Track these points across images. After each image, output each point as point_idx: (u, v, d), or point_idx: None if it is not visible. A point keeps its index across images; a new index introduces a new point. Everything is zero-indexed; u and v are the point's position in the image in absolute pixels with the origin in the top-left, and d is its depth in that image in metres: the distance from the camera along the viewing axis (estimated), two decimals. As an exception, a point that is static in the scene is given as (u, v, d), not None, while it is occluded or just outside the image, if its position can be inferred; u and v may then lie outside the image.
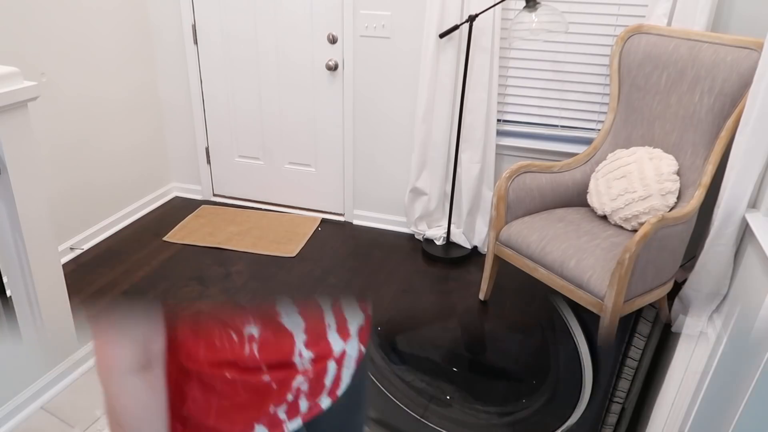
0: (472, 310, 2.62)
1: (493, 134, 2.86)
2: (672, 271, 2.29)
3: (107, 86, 3.06)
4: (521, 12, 2.49)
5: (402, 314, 2.57)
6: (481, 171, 2.93)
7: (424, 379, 2.17)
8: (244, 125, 3.41)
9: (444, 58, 2.77)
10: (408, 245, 3.17)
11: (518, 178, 2.46)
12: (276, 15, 3.06)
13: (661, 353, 2.34)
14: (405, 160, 3.12)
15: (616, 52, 2.52)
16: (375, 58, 2.98)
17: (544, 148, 2.86)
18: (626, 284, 2.04)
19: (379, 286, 2.79)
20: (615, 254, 2.18)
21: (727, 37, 2.24)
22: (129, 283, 2.76)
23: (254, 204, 3.57)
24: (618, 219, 2.35)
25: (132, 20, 3.17)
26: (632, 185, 2.30)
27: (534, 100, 2.85)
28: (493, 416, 2.04)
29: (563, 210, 2.54)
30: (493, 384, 2.27)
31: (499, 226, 2.48)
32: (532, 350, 2.42)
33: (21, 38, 2.54)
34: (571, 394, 2.09)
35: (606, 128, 2.60)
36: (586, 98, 2.77)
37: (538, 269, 2.33)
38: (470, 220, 3.07)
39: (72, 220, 2.98)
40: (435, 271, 2.94)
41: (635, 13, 2.55)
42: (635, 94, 2.48)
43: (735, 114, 2.20)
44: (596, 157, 2.59)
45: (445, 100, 2.84)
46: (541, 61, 2.76)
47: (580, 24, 2.64)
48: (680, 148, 2.35)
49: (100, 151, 3.09)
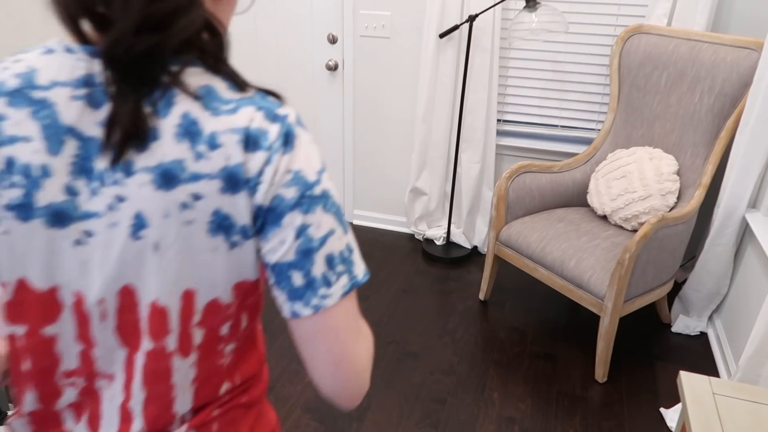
0: (472, 309, 2.62)
1: (493, 134, 2.86)
2: (672, 271, 2.29)
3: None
4: (521, 12, 2.49)
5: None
6: (481, 171, 2.93)
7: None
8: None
9: (444, 58, 2.77)
10: (408, 245, 3.17)
11: (518, 178, 2.46)
12: (276, 15, 3.06)
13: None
14: (405, 160, 3.12)
15: (616, 52, 2.52)
16: (375, 58, 2.98)
17: (544, 148, 2.86)
18: (626, 284, 2.04)
19: (379, 286, 2.79)
20: (615, 254, 2.18)
21: (727, 37, 2.24)
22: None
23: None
24: (618, 219, 2.35)
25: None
26: (632, 185, 2.30)
27: (534, 100, 2.85)
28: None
29: (563, 210, 2.54)
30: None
31: (499, 226, 2.48)
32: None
33: (21, 38, 2.54)
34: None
35: (606, 128, 2.60)
36: (586, 98, 2.77)
37: (538, 269, 2.33)
38: (470, 220, 3.07)
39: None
40: (435, 271, 2.94)
41: (635, 13, 2.55)
42: (635, 94, 2.48)
43: (735, 114, 2.20)
44: (596, 157, 2.59)
45: (445, 100, 2.84)
46: (541, 61, 2.76)
47: (580, 24, 2.64)
48: (680, 148, 2.35)
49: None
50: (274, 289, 0.65)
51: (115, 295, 0.63)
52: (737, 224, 2.25)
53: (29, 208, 0.60)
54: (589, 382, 2.21)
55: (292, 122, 0.62)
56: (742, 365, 1.83)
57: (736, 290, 2.33)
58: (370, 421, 2.02)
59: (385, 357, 2.33)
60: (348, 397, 0.68)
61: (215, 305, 0.65)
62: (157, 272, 0.62)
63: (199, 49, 0.60)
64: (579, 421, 2.04)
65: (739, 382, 1.55)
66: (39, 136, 0.59)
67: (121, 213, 0.60)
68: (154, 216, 0.59)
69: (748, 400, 1.26)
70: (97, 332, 0.66)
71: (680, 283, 2.61)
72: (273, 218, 0.62)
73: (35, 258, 0.62)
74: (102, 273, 0.62)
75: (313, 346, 0.65)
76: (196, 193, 0.59)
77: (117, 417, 0.69)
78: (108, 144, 0.58)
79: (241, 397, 0.75)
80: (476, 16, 2.59)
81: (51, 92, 0.59)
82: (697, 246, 2.53)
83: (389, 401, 2.11)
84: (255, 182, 0.60)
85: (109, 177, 0.59)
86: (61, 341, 0.66)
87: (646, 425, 2.03)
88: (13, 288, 0.64)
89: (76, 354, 0.67)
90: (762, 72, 2.05)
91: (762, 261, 2.10)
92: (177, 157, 0.58)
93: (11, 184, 0.59)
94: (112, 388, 0.68)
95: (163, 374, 0.66)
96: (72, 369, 0.68)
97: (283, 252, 0.63)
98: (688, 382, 1.30)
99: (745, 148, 2.14)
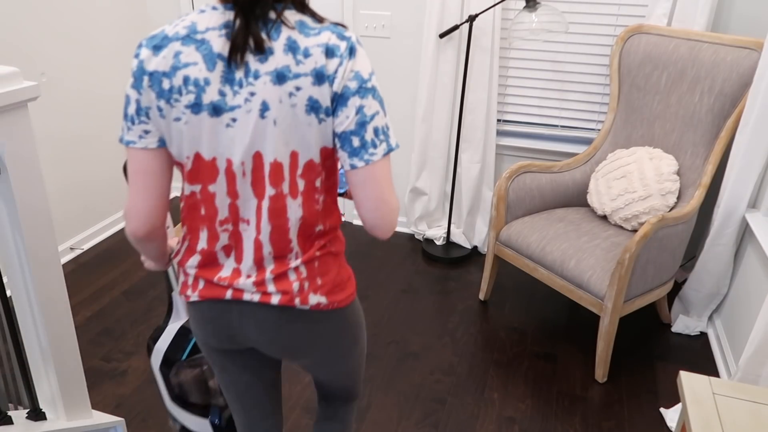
0: (472, 309, 2.62)
1: (493, 134, 2.86)
2: (672, 271, 2.29)
3: (107, 88, 3.06)
4: (521, 12, 2.49)
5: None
6: (481, 171, 2.93)
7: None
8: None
9: (444, 58, 2.77)
10: (408, 245, 3.17)
11: (518, 178, 2.46)
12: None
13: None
14: (405, 160, 3.12)
15: (616, 52, 2.52)
16: (375, 58, 2.98)
17: (544, 148, 2.86)
18: (626, 284, 2.04)
19: (379, 286, 2.79)
20: (615, 254, 2.18)
21: (727, 37, 2.24)
22: (129, 283, 2.76)
23: (254, 204, 3.57)
24: (618, 219, 2.35)
25: (132, 22, 3.17)
26: (632, 185, 2.30)
27: (534, 100, 2.85)
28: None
29: (563, 210, 2.54)
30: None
31: (499, 226, 2.48)
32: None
33: (21, 38, 2.54)
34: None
35: (606, 128, 2.60)
36: (586, 98, 2.77)
37: (538, 269, 2.33)
38: (470, 220, 3.07)
39: (72, 220, 2.98)
40: (435, 271, 2.94)
41: (635, 13, 2.55)
42: (635, 94, 2.48)
43: (735, 114, 2.20)
44: (596, 157, 2.59)
45: (445, 100, 2.84)
46: (541, 61, 2.76)
47: (580, 24, 2.64)
48: (680, 148, 2.35)
49: (100, 151, 3.09)
50: (339, 152, 1.00)
51: (250, 158, 0.98)
52: (737, 224, 2.25)
53: (199, 105, 0.95)
54: (589, 382, 2.21)
55: (354, 41, 0.97)
56: (742, 365, 1.83)
57: (736, 290, 2.33)
58: (370, 421, 2.02)
59: (385, 357, 2.33)
60: (384, 229, 1.04)
61: (311, 163, 1.01)
62: (275, 140, 0.97)
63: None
64: (579, 421, 2.04)
65: (739, 382, 1.55)
66: (201, 61, 0.94)
67: (253, 103, 0.94)
68: (273, 102, 0.94)
69: (748, 400, 1.26)
70: (240, 187, 1.01)
71: (680, 283, 2.61)
72: (342, 101, 0.96)
73: (204, 138, 0.98)
74: (242, 144, 0.97)
75: (363, 190, 1.00)
76: (297, 86, 0.94)
77: (252, 248, 1.05)
78: (233, 56, 0.93)
79: (330, 246, 1.10)
80: (476, 16, 2.59)
81: (206, 34, 0.95)
82: (697, 246, 2.53)
83: (389, 401, 2.11)
84: (332, 77, 0.94)
85: (244, 81, 0.94)
86: (219, 196, 1.03)
87: (646, 425, 2.03)
88: (192, 160, 1.01)
89: (227, 206, 1.03)
90: (762, 72, 2.05)
91: (762, 261, 2.10)
92: (285, 64, 0.93)
93: (188, 91, 0.95)
94: (249, 229, 1.04)
95: (281, 211, 1.02)
96: (225, 218, 1.04)
97: (347, 124, 0.97)
98: (688, 382, 1.30)
99: (745, 148, 2.14)
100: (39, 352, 1.54)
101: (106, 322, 2.49)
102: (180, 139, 0.99)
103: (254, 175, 1.00)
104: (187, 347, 1.41)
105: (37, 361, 1.55)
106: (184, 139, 0.98)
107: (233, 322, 1.11)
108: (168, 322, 1.42)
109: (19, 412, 1.58)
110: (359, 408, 2.08)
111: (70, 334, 1.56)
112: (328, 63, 0.93)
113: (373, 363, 2.30)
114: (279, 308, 1.08)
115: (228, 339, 1.15)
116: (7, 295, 1.46)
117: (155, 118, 0.98)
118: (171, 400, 1.46)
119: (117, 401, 2.08)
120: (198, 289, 1.10)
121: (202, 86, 0.94)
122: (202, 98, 0.95)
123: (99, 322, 2.48)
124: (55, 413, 1.61)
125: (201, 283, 1.10)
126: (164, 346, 1.40)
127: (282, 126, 0.95)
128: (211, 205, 1.04)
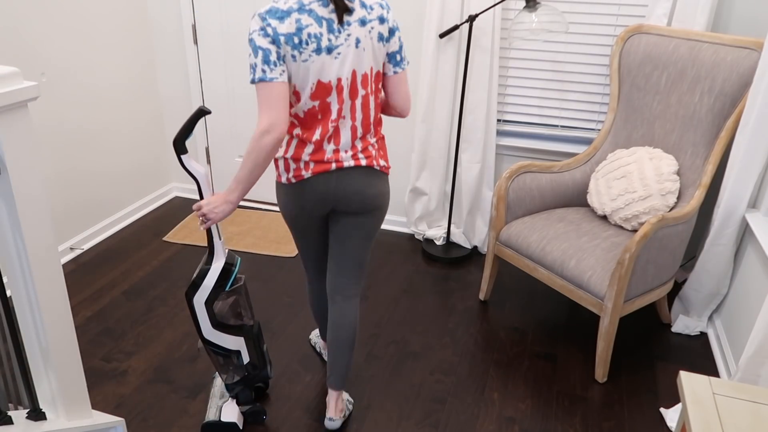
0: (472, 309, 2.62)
1: (493, 134, 2.86)
2: (672, 271, 2.29)
3: (107, 87, 3.07)
4: (521, 12, 2.49)
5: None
6: (481, 171, 2.93)
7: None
8: (244, 125, 3.41)
9: (444, 58, 2.77)
10: (408, 245, 3.17)
11: (518, 178, 2.46)
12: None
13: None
14: (405, 160, 3.12)
15: (616, 52, 2.52)
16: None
17: (544, 148, 2.87)
18: (626, 284, 2.04)
19: (379, 286, 2.79)
20: (615, 254, 2.18)
21: (727, 37, 2.24)
22: (129, 283, 2.76)
23: (254, 204, 3.57)
24: (618, 219, 2.35)
25: (132, 23, 3.17)
26: (632, 185, 2.30)
27: (534, 100, 2.85)
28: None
29: (563, 210, 2.54)
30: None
31: (499, 226, 2.48)
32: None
33: (21, 38, 2.54)
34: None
35: (606, 128, 2.60)
36: (586, 98, 2.77)
37: (538, 269, 2.33)
38: (470, 220, 3.07)
39: (72, 219, 2.98)
40: (435, 271, 2.94)
41: (635, 13, 2.55)
42: (635, 94, 2.48)
43: (735, 114, 2.20)
44: (596, 157, 2.59)
45: (445, 100, 2.84)
46: (541, 61, 2.76)
47: (580, 24, 2.64)
48: (680, 148, 2.35)
49: (101, 151, 3.09)
50: (386, 65, 1.68)
51: (350, 74, 1.59)
52: (737, 224, 2.25)
53: (319, 49, 1.53)
54: (589, 382, 2.21)
55: (387, 2, 1.90)
56: (742, 365, 1.83)
57: (736, 290, 2.33)
58: (370, 421, 2.02)
59: (386, 357, 2.33)
60: (408, 110, 1.78)
61: (378, 73, 1.67)
62: (364, 60, 1.60)
63: None
64: (579, 421, 2.04)
65: (739, 382, 1.55)
66: (314, 22, 1.52)
67: (350, 40, 1.56)
68: (362, 37, 1.57)
69: (748, 400, 1.26)
70: (344, 95, 1.61)
71: (680, 283, 2.61)
72: (392, 33, 1.64)
73: (323, 69, 1.56)
74: (345, 67, 1.57)
75: (399, 87, 1.72)
76: (372, 27, 1.59)
77: (350, 133, 1.67)
78: (339, 17, 1.54)
79: (380, 133, 1.77)
80: (476, 16, 2.59)
81: (311, 5, 1.52)
82: (697, 246, 2.53)
83: (389, 401, 2.11)
84: (387, 20, 1.62)
85: (342, 29, 1.55)
86: (332, 105, 1.61)
87: (646, 425, 2.03)
88: (314, 84, 1.57)
89: (336, 110, 1.62)
90: (762, 72, 2.05)
91: (762, 261, 2.10)
92: (363, 15, 1.57)
93: (311, 41, 1.52)
94: (346, 121, 1.65)
95: (366, 104, 1.65)
96: (334, 118, 1.63)
97: (395, 47, 1.67)
98: (688, 382, 1.30)
99: (745, 148, 2.14)
100: (39, 352, 1.53)
101: (106, 322, 2.49)
102: (306, 73, 1.55)
103: (351, 85, 1.60)
104: (231, 278, 1.80)
105: (37, 361, 1.55)
106: (310, 72, 1.55)
107: (331, 186, 1.69)
108: (211, 263, 1.77)
109: (19, 412, 1.58)
110: (359, 408, 2.08)
111: (70, 334, 1.56)
112: (383, 12, 1.61)
113: (373, 363, 2.30)
114: (365, 168, 1.71)
115: (320, 201, 1.72)
116: (7, 295, 1.46)
117: (289, 62, 1.53)
118: (212, 328, 1.81)
119: (117, 401, 2.08)
120: (310, 168, 1.66)
121: (319, 37, 1.52)
122: (321, 44, 1.53)
123: (99, 322, 2.49)
124: (55, 413, 1.61)
125: (312, 165, 1.66)
126: (212, 282, 1.76)
127: (368, 51, 1.59)
128: (327, 111, 1.61)
